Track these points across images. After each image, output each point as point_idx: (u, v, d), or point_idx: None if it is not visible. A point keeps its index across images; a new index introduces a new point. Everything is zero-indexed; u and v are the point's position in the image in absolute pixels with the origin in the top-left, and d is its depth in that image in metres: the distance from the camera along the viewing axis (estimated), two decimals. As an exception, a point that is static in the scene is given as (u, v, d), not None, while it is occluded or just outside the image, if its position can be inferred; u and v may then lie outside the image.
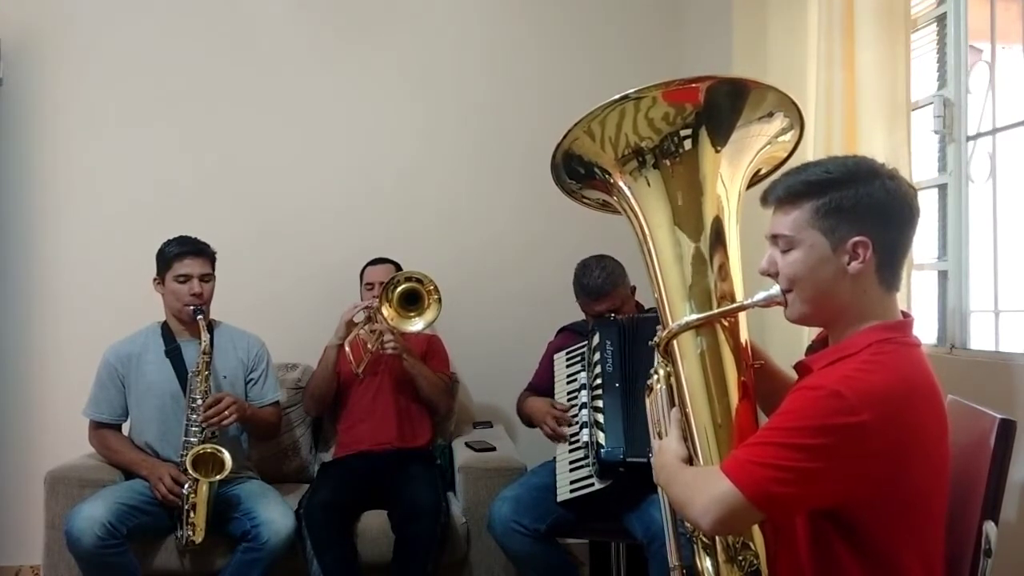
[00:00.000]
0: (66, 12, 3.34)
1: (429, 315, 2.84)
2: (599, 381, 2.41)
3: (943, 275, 2.24)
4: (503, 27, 3.55)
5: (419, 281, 2.83)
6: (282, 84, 3.44)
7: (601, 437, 2.33)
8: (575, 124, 1.48)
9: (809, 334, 2.24)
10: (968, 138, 2.18)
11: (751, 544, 1.35)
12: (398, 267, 3.10)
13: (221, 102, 3.41)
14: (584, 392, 2.48)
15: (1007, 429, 1.36)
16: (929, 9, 2.31)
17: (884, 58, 2.15)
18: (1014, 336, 2.09)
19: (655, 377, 1.52)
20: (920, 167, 2.26)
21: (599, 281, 2.58)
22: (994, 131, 2.12)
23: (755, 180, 1.57)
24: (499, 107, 3.52)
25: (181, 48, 3.39)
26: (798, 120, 1.50)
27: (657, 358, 1.51)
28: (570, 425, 2.54)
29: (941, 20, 2.27)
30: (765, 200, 1.38)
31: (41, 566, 2.70)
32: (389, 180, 3.49)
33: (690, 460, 1.40)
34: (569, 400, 2.60)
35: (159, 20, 3.39)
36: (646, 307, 2.75)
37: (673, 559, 1.49)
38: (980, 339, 2.16)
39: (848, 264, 1.29)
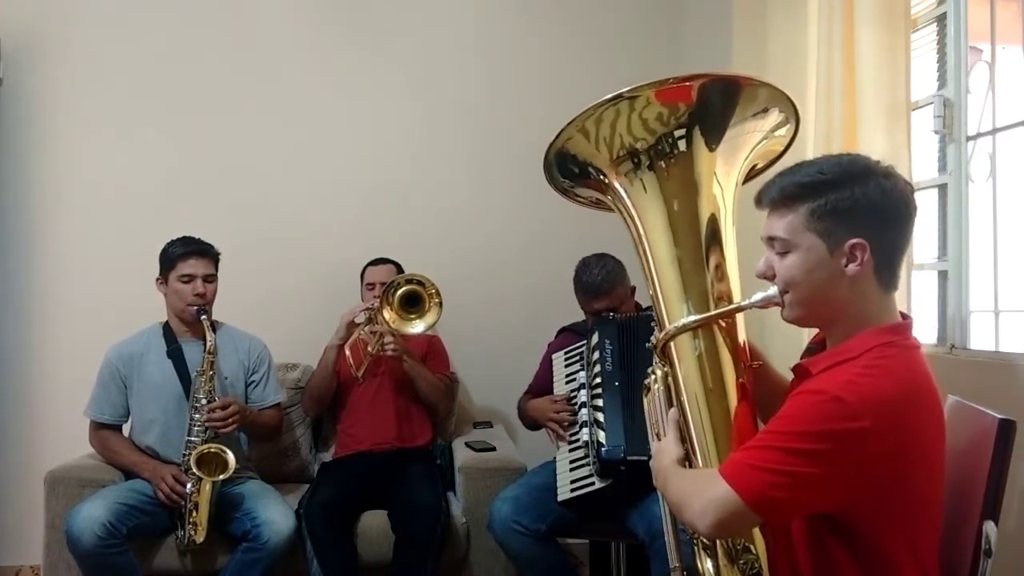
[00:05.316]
0: (66, 12, 3.34)
1: (429, 318, 2.83)
2: (599, 380, 2.40)
3: (943, 275, 2.24)
4: (502, 27, 3.55)
5: (420, 283, 2.83)
6: (282, 85, 3.44)
7: (601, 436, 2.33)
8: (568, 123, 1.47)
9: (809, 335, 2.25)
10: (968, 138, 2.18)
11: (752, 547, 1.34)
12: (399, 267, 3.10)
13: (221, 102, 3.41)
14: (584, 391, 2.48)
15: (1007, 429, 1.35)
16: (929, 9, 2.31)
17: (884, 58, 2.15)
18: (1014, 336, 2.09)
19: (652, 378, 1.51)
20: (920, 167, 2.26)
21: (598, 279, 2.58)
22: (994, 131, 2.12)
23: (752, 175, 1.55)
24: (499, 107, 3.52)
25: (181, 48, 3.39)
26: (793, 114, 1.48)
27: (655, 358, 1.50)
28: (573, 413, 2.54)
29: (941, 20, 2.27)
30: (759, 202, 1.36)
31: (41, 566, 2.70)
32: (389, 180, 3.49)
33: (688, 461, 1.39)
34: (569, 400, 2.60)
35: (159, 20, 3.39)
36: (645, 307, 2.75)
37: (673, 559, 1.48)
38: (980, 339, 2.16)
39: (846, 267, 1.27)
